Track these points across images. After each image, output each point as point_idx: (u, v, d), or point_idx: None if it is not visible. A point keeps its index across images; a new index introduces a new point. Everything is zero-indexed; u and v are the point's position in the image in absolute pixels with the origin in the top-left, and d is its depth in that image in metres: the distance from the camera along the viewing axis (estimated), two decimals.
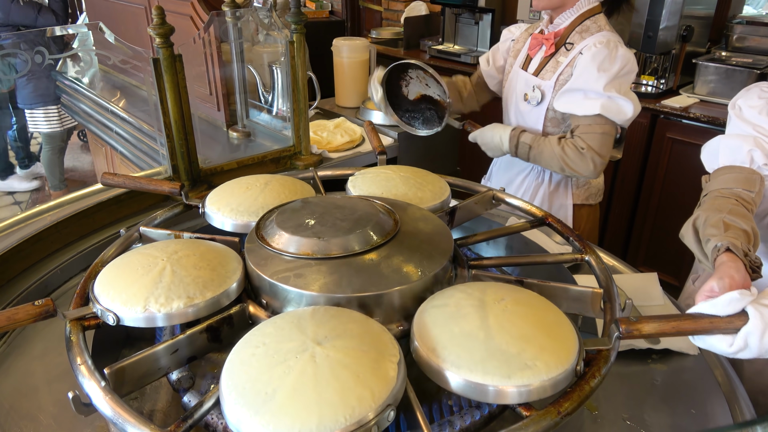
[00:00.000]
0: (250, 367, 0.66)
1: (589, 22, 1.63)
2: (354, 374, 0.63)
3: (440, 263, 0.84)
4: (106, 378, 0.70)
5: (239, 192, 1.09)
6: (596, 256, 0.97)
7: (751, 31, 2.88)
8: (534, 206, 1.14)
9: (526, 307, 0.75)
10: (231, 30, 1.90)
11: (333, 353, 0.66)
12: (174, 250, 0.88)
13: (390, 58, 3.95)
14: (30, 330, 1.09)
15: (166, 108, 1.40)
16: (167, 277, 0.82)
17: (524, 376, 0.66)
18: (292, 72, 1.60)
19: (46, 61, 1.45)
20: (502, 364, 0.67)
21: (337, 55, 2.51)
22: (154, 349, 0.76)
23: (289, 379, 0.63)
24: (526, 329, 0.71)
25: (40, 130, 4.20)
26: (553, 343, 0.70)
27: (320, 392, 0.61)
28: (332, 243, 0.85)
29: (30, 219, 1.33)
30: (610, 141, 1.62)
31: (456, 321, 0.73)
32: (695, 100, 2.75)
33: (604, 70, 1.53)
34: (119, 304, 0.79)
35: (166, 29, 1.31)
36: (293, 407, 0.60)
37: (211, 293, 0.82)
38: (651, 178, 2.86)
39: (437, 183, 1.17)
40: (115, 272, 0.85)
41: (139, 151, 2.12)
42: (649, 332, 0.71)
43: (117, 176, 1.17)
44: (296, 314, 0.74)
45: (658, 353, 1.02)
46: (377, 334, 0.71)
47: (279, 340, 0.69)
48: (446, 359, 0.69)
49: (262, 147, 1.91)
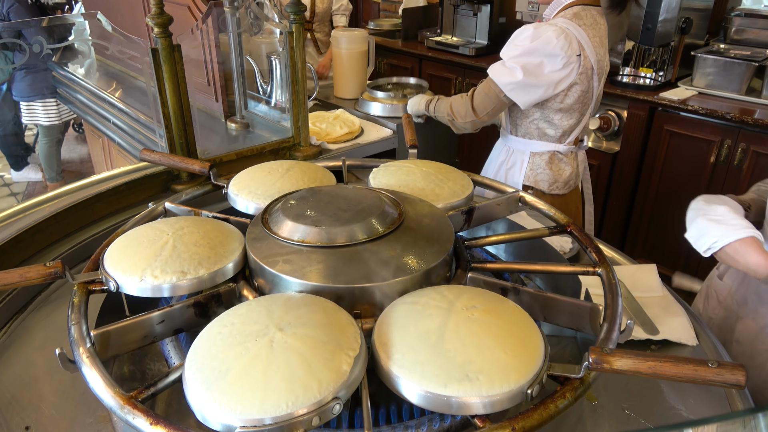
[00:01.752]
0: (213, 345, 0.69)
1: (568, 11, 1.72)
2: (306, 363, 0.64)
3: (431, 262, 0.82)
4: (92, 340, 0.75)
5: (260, 176, 1.12)
6: (610, 271, 0.90)
7: (750, 23, 2.88)
8: (560, 213, 1.08)
9: (495, 317, 0.72)
10: (229, 20, 1.89)
11: (291, 340, 0.67)
12: (181, 226, 0.92)
13: (388, 50, 3.95)
14: (30, 320, 1.09)
15: (164, 99, 1.39)
16: (167, 252, 0.86)
17: (461, 387, 0.63)
18: (291, 63, 1.60)
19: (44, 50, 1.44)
20: (442, 371, 0.65)
21: (335, 46, 2.49)
22: (141, 317, 0.80)
23: (243, 360, 0.65)
24: (484, 340, 0.68)
25: (39, 123, 4.18)
26: (508, 360, 0.66)
27: (269, 377, 0.63)
28: (328, 232, 0.85)
29: (28, 210, 1.32)
30: (491, 102, 1.78)
31: (416, 320, 0.71)
32: (693, 93, 2.75)
33: (517, 43, 1.69)
34: (120, 273, 0.84)
35: (164, 19, 1.30)
36: (240, 388, 0.62)
37: (204, 270, 0.84)
38: (649, 170, 2.87)
39: (460, 181, 1.13)
40: (125, 242, 0.90)
41: (137, 142, 2.11)
42: (620, 368, 0.64)
43: (154, 153, 1.25)
44: (271, 299, 0.76)
45: (656, 344, 1.03)
46: (343, 327, 0.71)
47: (246, 321, 0.71)
48: (392, 356, 0.68)
49: (260, 138, 1.91)
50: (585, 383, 0.69)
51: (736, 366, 0.60)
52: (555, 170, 1.89)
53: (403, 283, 0.79)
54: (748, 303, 1.25)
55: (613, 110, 2.87)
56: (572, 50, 1.65)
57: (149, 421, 0.64)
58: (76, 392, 0.90)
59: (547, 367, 0.69)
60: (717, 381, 0.60)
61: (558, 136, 1.85)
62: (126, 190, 1.41)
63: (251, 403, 0.61)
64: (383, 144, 2.15)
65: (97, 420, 0.86)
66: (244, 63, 1.99)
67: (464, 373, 0.64)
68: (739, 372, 0.60)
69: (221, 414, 0.61)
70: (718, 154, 2.59)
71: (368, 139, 2.12)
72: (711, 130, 2.59)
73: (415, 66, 3.84)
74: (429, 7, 4.12)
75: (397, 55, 3.94)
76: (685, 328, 1.05)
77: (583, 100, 1.78)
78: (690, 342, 1.02)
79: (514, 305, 0.77)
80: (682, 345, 1.02)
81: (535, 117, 1.83)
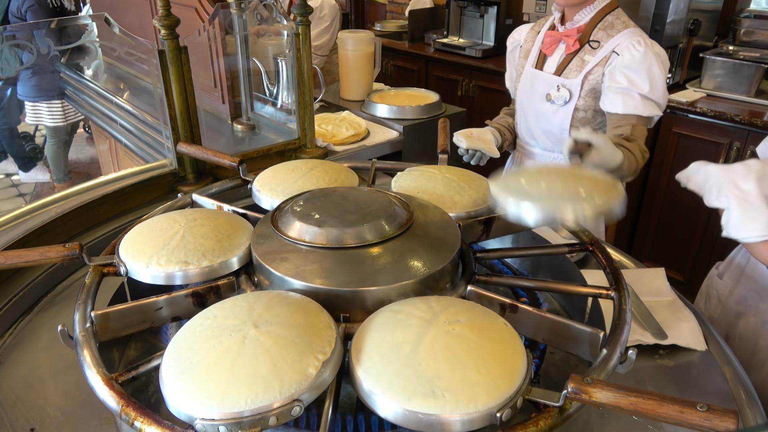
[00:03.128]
0: (191, 335, 0.70)
1: (610, 17, 1.61)
2: (272, 362, 0.64)
3: (427, 271, 0.80)
4: (92, 320, 0.79)
5: (284, 174, 1.14)
6: (624, 296, 0.85)
7: (759, 25, 2.85)
8: (585, 230, 1.04)
9: (477, 334, 0.68)
10: (236, 22, 1.89)
11: (264, 338, 0.67)
12: (195, 218, 0.95)
13: (394, 51, 3.94)
14: (36, 322, 1.09)
15: (171, 100, 1.39)
16: (175, 241, 0.89)
17: (425, 403, 0.61)
18: (298, 64, 1.59)
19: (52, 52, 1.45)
20: (408, 384, 0.62)
21: (341, 48, 2.49)
22: (140, 302, 0.83)
23: (214, 354, 0.66)
24: (458, 357, 0.64)
25: (44, 124, 4.20)
26: (480, 379, 0.62)
27: (234, 372, 0.63)
28: (330, 233, 0.85)
29: (35, 211, 1.33)
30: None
31: (394, 329, 0.69)
32: (702, 95, 2.73)
33: (654, 72, 1.53)
34: (129, 258, 0.88)
35: (171, 20, 1.31)
36: (205, 380, 0.63)
37: (207, 262, 0.87)
38: (657, 173, 2.85)
39: (482, 189, 1.08)
40: (141, 230, 0.94)
41: (144, 144, 2.11)
42: (599, 400, 0.60)
43: (190, 145, 1.30)
44: (257, 295, 0.77)
45: (665, 348, 1.02)
46: (319, 329, 0.70)
47: (227, 316, 0.72)
48: (362, 363, 0.67)
49: (266, 140, 1.91)
50: (564, 412, 0.64)
51: (728, 412, 0.55)
52: None
53: (394, 290, 0.78)
54: (748, 300, 1.25)
55: None
56: None
57: (121, 403, 0.66)
58: (81, 394, 0.90)
59: (526, 390, 0.65)
60: (704, 426, 0.55)
61: None
62: (132, 192, 1.41)
63: (213, 396, 0.62)
64: (389, 146, 2.15)
65: (102, 422, 0.86)
66: (250, 64, 1.99)
67: (430, 389, 0.61)
68: (730, 420, 0.54)
69: (185, 404, 0.62)
70: (727, 157, 2.57)
71: (374, 141, 2.11)
72: (720, 132, 2.57)
73: (422, 68, 3.83)
74: (435, 9, 4.12)
75: (403, 57, 3.94)
76: (694, 333, 1.04)
77: None
78: (699, 347, 1.01)
79: (502, 323, 0.73)
80: (690, 350, 1.01)
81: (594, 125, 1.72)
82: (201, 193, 1.16)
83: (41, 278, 1.17)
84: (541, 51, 1.72)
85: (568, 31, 1.64)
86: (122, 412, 0.65)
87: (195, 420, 0.61)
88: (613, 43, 1.57)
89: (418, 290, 0.80)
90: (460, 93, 3.61)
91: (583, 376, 0.62)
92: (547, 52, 1.70)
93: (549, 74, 1.68)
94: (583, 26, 1.62)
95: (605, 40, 1.59)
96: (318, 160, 1.20)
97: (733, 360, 1.00)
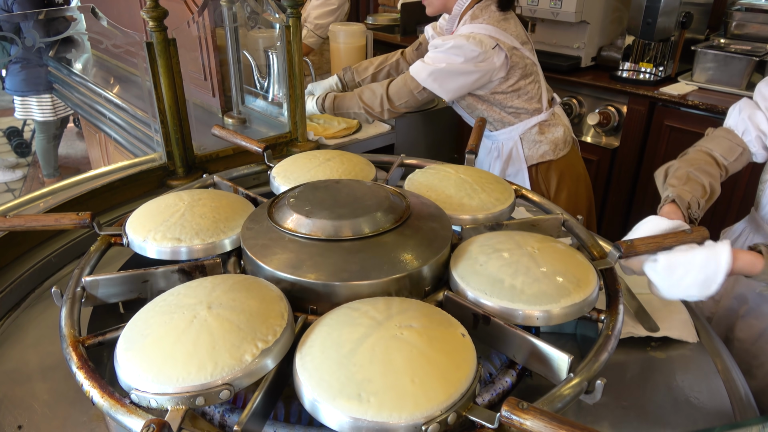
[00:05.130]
0: (152, 310, 0.73)
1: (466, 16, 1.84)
2: (211, 344, 0.65)
3: (397, 273, 0.78)
4: (83, 284, 0.85)
5: (301, 162, 1.15)
6: (614, 321, 0.80)
7: (751, 18, 2.86)
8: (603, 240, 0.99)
9: (426, 342, 0.65)
10: (225, 14, 1.87)
11: (211, 320, 0.68)
12: (200, 197, 0.98)
13: (386, 45, 3.92)
14: (24, 318, 1.08)
15: (160, 93, 1.38)
16: (174, 219, 0.92)
17: (348, 405, 0.59)
18: (288, 57, 1.58)
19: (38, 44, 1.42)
20: (337, 383, 0.61)
21: (333, 41, 2.48)
22: (128, 273, 0.87)
23: (162, 330, 0.68)
24: (396, 363, 0.62)
25: (33, 118, 4.15)
26: (411, 389, 0.60)
27: (174, 350, 0.65)
28: (314, 224, 0.84)
29: (24, 206, 1.31)
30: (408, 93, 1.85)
31: (343, 326, 0.69)
32: (693, 88, 2.74)
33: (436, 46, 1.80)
34: (131, 231, 0.93)
35: (159, 12, 1.29)
36: (148, 354, 0.66)
37: (199, 241, 0.90)
38: (649, 166, 2.85)
39: (495, 193, 1.04)
40: (150, 206, 0.98)
41: (134, 138, 2.10)
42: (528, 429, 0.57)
43: (223, 129, 1.32)
44: (223, 278, 0.78)
45: (657, 341, 1.02)
46: (268, 318, 0.70)
47: (188, 294, 0.73)
48: (303, 356, 0.67)
49: (258, 133, 1.89)
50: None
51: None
52: (551, 136, 1.92)
53: (363, 287, 0.76)
54: (749, 301, 1.25)
55: (612, 105, 2.86)
56: (487, 45, 1.75)
57: (77, 365, 0.71)
58: (69, 390, 0.89)
59: (464, 407, 0.61)
60: None
61: (532, 109, 1.90)
62: (121, 186, 1.40)
63: (150, 370, 0.64)
64: (381, 140, 2.14)
65: (91, 419, 0.85)
66: (240, 57, 1.97)
67: (357, 392, 0.60)
68: None
69: (126, 374, 0.65)
70: None
71: (366, 135, 2.11)
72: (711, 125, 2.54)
73: None
74: None
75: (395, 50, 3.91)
76: (686, 325, 1.04)
77: (529, 69, 1.86)
78: (690, 339, 1.02)
79: (460, 334, 0.69)
80: (682, 342, 1.02)
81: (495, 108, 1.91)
82: (222, 176, 1.19)
83: (28, 274, 1.15)
84: None
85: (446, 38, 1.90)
86: (77, 373, 0.70)
87: (131, 390, 0.64)
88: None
89: (390, 290, 0.78)
90: None
91: (519, 400, 0.58)
92: None
93: None
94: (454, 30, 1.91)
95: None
96: (338, 151, 1.20)
97: (724, 353, 1.00)
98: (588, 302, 0.78)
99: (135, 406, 0.64)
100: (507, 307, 0.76)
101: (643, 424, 0.86)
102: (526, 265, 0.80)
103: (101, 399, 0.66)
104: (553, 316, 0.76)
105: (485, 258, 0.82)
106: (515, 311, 0.76)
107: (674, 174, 1.15)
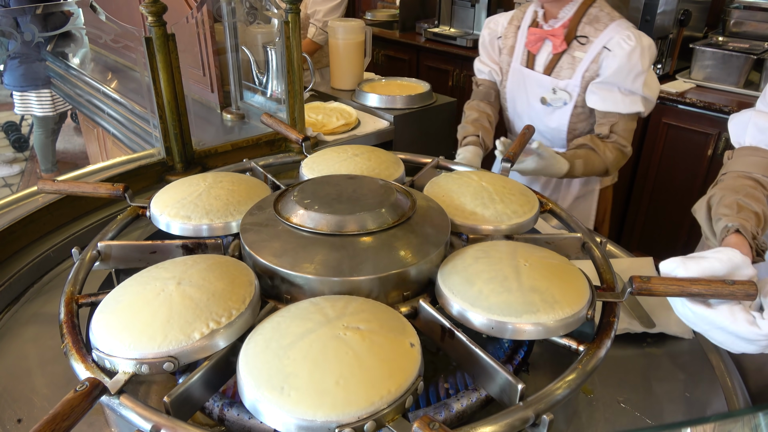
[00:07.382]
0: (135, 279, 0.77)
1: (594, 10, 1.59)
2: (167, 318, 0.68)
3: (374, 274, 0.77)
4: (99, 249, 0.92)
5: (329, 155, 1.17)
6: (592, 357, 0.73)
7: (749, 15, 2.86)
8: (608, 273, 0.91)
9: (366, 346, 0.64)
10: (225, 9, 1.87)
11: (176, 295, 0.71)
12: (220, 180, 1.02)
13: (385, 41, 3.92)
14: (23, 312, 1.08)
15: (158, 89, 1.38)
16: (191, 198, 0.97)
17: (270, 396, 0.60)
18: (287, 53, 1.58)
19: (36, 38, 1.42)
20: (265, 373, 0.62)
21: (332, 37, 2.47)
22: (138, 242, 0.96)
23: (132, 298, 0.73)
24: (328, 362, 0.62)
25: (33, 114, 4.14)
26: (333, 391, 0.59)
27: (135, 318, 0.69)
28: (311, 217, 0.85)
29: (22, 201, 1.31)
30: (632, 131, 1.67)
31: (293, 320, 0.69)
32: (691, 86, 2.75)
33: (640, 67, 1.53)
34: (153, 205, 0.99)
35: (158, 7, 1.29)
36: (114, 319, 0.70)
37: (207, 221, 0.94)
38: (646, 163, 2.86)
39: (513, 206, 0.98)
40: (176, 185, 1.03)
41: (132, 133, 2.09)
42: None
43: (270, 117, 1.36)
44: (205, 257, 0.81)
45: (653, 337, 1.02)
46: (230, 300, 0.72)
47: (167, 269, 0.77)
48: (249, 342, 0.68)
49: (256, 129, 1.89)
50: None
51: None
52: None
53: (336, 284, 0.76)
54: None
55: None
56: None
57: (64, 318, 0.77)
58: (69, 384, 0.89)
59: (388, 416, 0.60)
60: None
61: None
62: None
63: (110, 333, 0.69)
64: (380, 135, 2.14)
65: (90, 412, 0.85)
66: (239, 53, 1.97)
67: (281, 384, 0.60)
68: None
69: (94, 335, 0.70)
70: (716, 147, 2.58)
71: (365, 131, 2.11)
72: (709, 123, 2.59)
73: (413, 57, 3.81)
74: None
75: (394, 47, 3.92)
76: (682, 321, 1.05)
77: None
78: (686, 335, 1.02)
79: (408, 344, 0.67)
80: (678, 338, 1.02)
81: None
82: (257, 162, 1.23)
83: (27, 268, 1.16)
84: (526, 48, 1.69)
85: (553, 31, 1.61)
86: (62, 325, 0.76)
87: (93, 348, 0.70)
88: (604, 39, 1.55)
89: (364, 291, 0.77)
90: (451, 83, 3.60)
91: (432, 419, 0.57)
92: (532, 50, 1.67)
93: (541, 75, 1.66)
94: (568, 22, 1.60)
95: (594, 35, 1.57)
96: (368, 147, 1.21)
97: (720, 348, 1.01)
98: (562, 325, 0.72)
99: (95, 364, 0.69)
100: (465, 309, 0.74)
101: (639, 419, 0.87)
102: (505, 274, 0.76)
103: (70, 351, 0.72)
104: (508, 330, 0.72)
105: (472, 261, 0.81)
106: (473, 315, 0.74)
107: (721, 203, 0.99)
